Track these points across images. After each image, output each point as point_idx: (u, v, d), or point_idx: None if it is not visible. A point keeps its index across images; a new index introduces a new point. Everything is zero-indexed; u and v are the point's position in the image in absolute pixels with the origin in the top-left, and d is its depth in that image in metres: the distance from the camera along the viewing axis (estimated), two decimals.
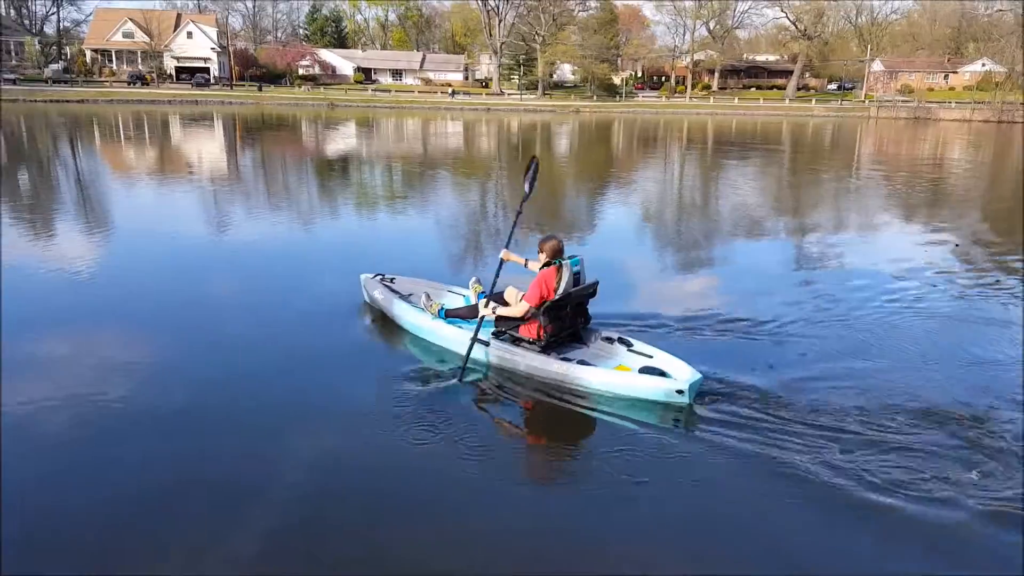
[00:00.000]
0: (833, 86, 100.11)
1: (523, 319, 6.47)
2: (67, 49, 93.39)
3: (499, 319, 6.62)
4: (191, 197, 18.00)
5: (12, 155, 26.37)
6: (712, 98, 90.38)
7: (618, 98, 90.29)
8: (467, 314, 7.01)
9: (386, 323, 7.78)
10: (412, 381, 6.34)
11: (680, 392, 5.78)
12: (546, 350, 6.38)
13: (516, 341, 6.53)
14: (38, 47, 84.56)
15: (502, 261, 6.81)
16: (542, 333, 6.35)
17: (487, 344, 6.57)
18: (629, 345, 6.56)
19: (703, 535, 4.48)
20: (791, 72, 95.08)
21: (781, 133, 51.97)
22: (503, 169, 26.72)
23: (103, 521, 4.44)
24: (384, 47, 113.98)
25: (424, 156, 30.46)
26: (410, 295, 7.75)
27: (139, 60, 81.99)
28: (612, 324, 7.40)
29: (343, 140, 38.36)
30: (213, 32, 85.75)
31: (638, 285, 10.07)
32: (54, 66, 79.26)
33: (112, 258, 11.13)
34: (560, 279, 6.31)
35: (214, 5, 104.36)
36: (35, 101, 57.48)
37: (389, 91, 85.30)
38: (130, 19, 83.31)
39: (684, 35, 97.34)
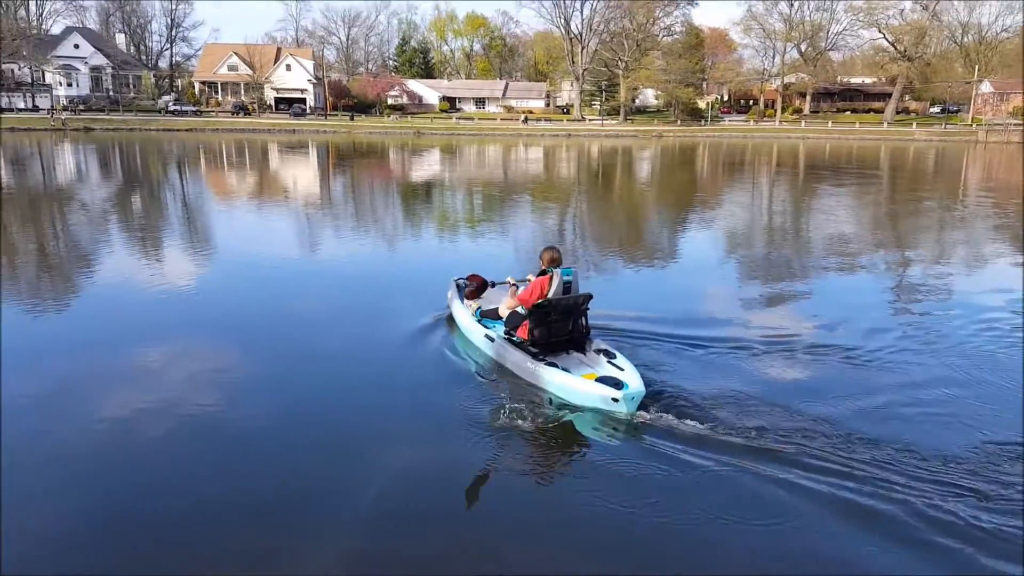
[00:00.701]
0: (936, 109, 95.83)
1: (519, 321, 6.94)
2: (178, 81, 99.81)
3: (506, 320, 7.26)
4: (286, 219, 18.88)
5: (128, 179, 28.27)
6: (803, 122, 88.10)
7: (703, 122, 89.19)
8: (494, 315, 7.67)
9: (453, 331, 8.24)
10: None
11: (615, 400, 6.03)
12: (541, 353, 6.74)
13: (512, 341, 7.04)
14: (153, 80, 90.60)
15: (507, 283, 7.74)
16: (534, 336, 6.78)
17: (492, 340, 7.21)
18: (612, 357, 6.78)
19: (601, 532, 4.64)
20: (889, 95, 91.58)
21: (878, 158, 50.10)
22: (581, 194, 26.82)
23: (194, 527, 4.69)
24: (468, 76, 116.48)
25: (504, 181, 30.92)
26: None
27: (242, 91, 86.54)
28: (698, 345, 7.76)
29: (428, 166, 39.34)
30: (310, 65, 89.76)
31: (716, 308, 9.93)
32: (166, 97, 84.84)
33: (212, 275, 11.81)
34: (551, 285, 6.72)
35: (311, 39, 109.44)
36: (149, 130, 61.47)
37: (472, 119, 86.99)
38: (235, 53, 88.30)
39: (773, 57, 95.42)
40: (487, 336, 7.33)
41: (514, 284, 7.69)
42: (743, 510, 4.83)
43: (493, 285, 8.54)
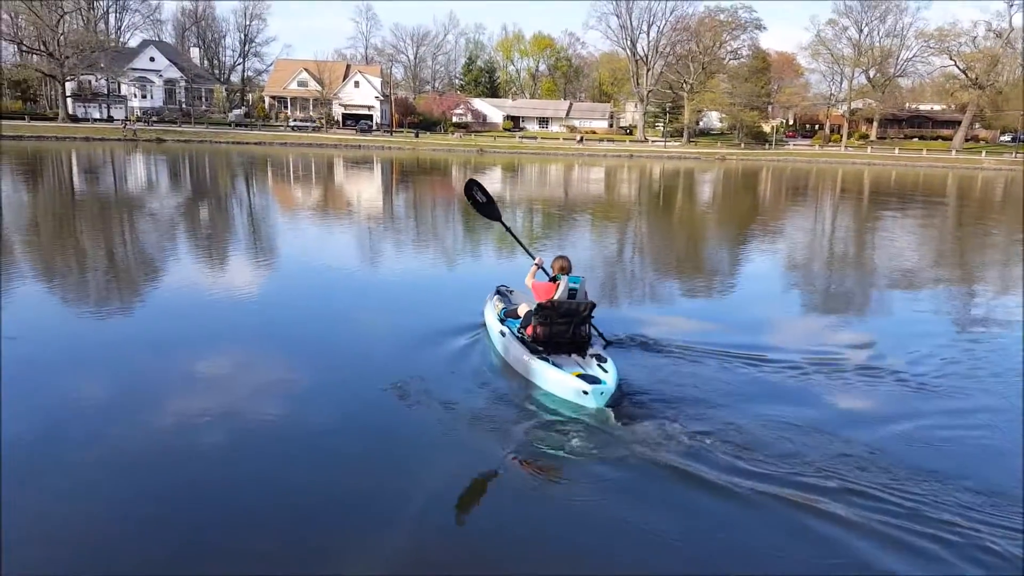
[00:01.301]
0: (1007, 137, 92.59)
1: (529, 320, 7.72)
2: (249, 96, 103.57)
3: (521, 319, 8.09)
4: (349, 232, 19.57)
5: (197, 190, 29.62)
6: (870, 148, 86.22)
7: (767, 146, 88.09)
8: (515, 315, 8.40)
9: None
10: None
11: (585, 393, 6.63)
12: (544, 353, 7.41)
13: (520, 338, 7.78)
14: (224, 94, 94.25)
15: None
16: (537, 333, 7.52)
17: (504, 335, 7.98)
18: (603, 361, 7.31)
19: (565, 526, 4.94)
20: (958, 122, 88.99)
21: (945, 186, 48.76)
22: (641, 215, 26.93)
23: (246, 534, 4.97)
24: (533, 96, 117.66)
25: (564, 200, 31.24)
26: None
27: (311, 107, 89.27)
28: (731, 356, 8.11)
29: (489, 184, 39.90)
30: (377, 82, 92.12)
31: (762, 326, 9.99)
32: (237, 111, 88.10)
33: (274, 285, 12.40)
34: (558, 290, 7.44)
35: (380, 57, 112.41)
36: (219, 142, 63.97)
37: (535, 138, 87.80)
38: (305, 69, 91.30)
39: (841, 83, 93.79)
40: (501, 331, 8.08)
41: (539, 265, 8.38)
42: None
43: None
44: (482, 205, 9.47)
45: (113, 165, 40.33)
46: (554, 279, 7.69)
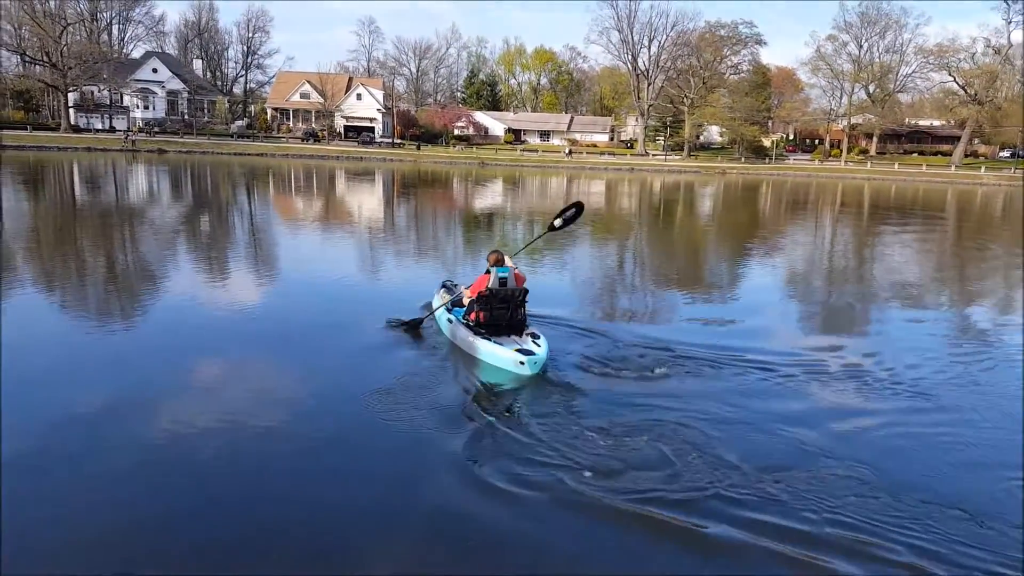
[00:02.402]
0: (1006, 153, 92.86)
1: (471, 308, 8.81)
2: (251, 107, 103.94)
3: (465, 309, 9.09)
4: (349, 243, 19.60)
5: (198, 201, 29.70)
6: (869, 162, 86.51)
7: (767, 160, 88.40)
8: (460, 304, 9.39)
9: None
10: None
11: (522, 363, 7.88)
12: (486, 334, 8.51)
13: (464, 323, 8.87)
14: (227, 105, 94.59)
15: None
16: (480, 318, 8.67)
17: (451, 322, 9.11)
18: (537, 338, 8.50)
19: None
20: (958, 138, 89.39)
21: (944, 201, 48.87)
22: (641, 227, 26.99)
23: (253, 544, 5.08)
24: (534, 109, 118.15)
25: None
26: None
27: (313, 118, 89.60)
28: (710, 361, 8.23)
29: (490, 197, 40.07)
30: (380, 94, 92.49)
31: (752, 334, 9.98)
32: (239, 122, 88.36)
33: (272, 295, 12.44)
34: (489, 280, 8.58)
35: (382, 69, 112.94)
36: (221, 153, 64.15)
37: (536, 151, 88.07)
38: (308, 81, 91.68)
39: (841, 98, 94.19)
40: (448, 319, 9.22)
41: (465, 288, 9.51)
42: None
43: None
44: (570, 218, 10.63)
45: (115, 175, 40.45)
46: (487, 272, 8.75)
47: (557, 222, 10.32)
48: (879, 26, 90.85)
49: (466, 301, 9.10)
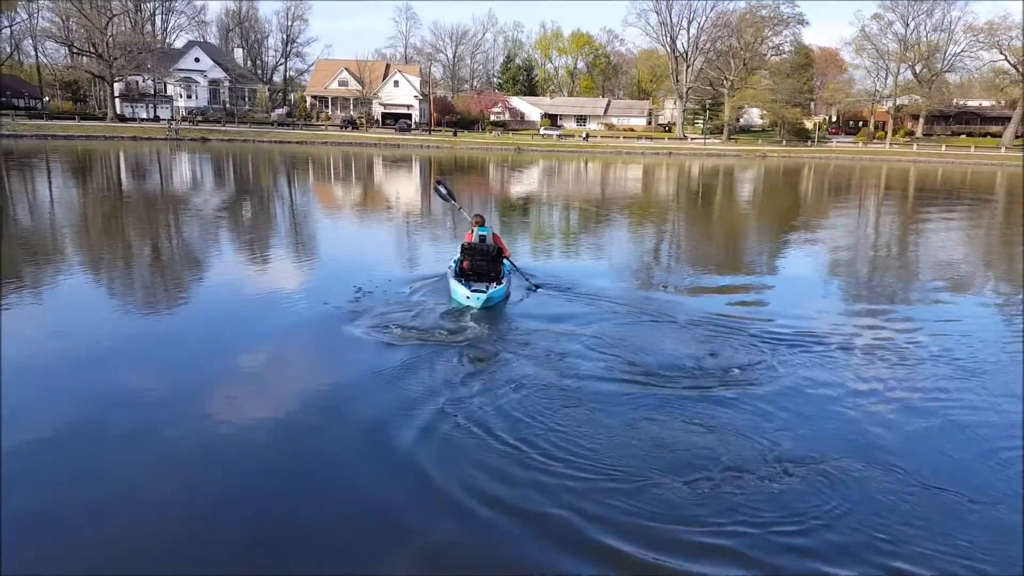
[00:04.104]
0: None
1: (461, 256, 10.99)
2: (291, 95, 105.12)
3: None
4: (387, 230, 19.82)
5: (240, 188, 30.24)
6: (915, 145, 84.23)
7: (809, 143, 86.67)
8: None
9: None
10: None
11: (468, 297, 9.84)
12: (468, 280, 10.56)
13: (454, 273, 10.88)
14: (267, 94, 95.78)
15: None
16: (463, 267, 10.85)
17: (448, 270, 11.19)
18: (499, 283, 10.49)
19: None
20: (1008, 118, 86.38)
21: (994, 183, 47.45)
22: (680, 212, 26.76)
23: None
24: (571, 94, 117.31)
25: (600, 199, 31.17)
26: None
27: (351, 106, 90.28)
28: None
29: (525, 183, 40.02)
30: (416, 81, 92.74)
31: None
32: (279, 110, 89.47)
33: (311, 282, 12.61)
34: (473, 237, 10.84)
35: (419, 56, 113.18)
36: (261, 141, 65.08)
37: (573, 136, 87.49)
38: (346, 69, 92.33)
39: (886, 79, 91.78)
40: (448, 267, 11.33)
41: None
42: None
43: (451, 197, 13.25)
44: (445, 195, 13.21)
45: (159, 164, 41.35)
46: (471, 230, 10.96)
47: (442, 189, 13.29)
48: (927, 3, 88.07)
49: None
